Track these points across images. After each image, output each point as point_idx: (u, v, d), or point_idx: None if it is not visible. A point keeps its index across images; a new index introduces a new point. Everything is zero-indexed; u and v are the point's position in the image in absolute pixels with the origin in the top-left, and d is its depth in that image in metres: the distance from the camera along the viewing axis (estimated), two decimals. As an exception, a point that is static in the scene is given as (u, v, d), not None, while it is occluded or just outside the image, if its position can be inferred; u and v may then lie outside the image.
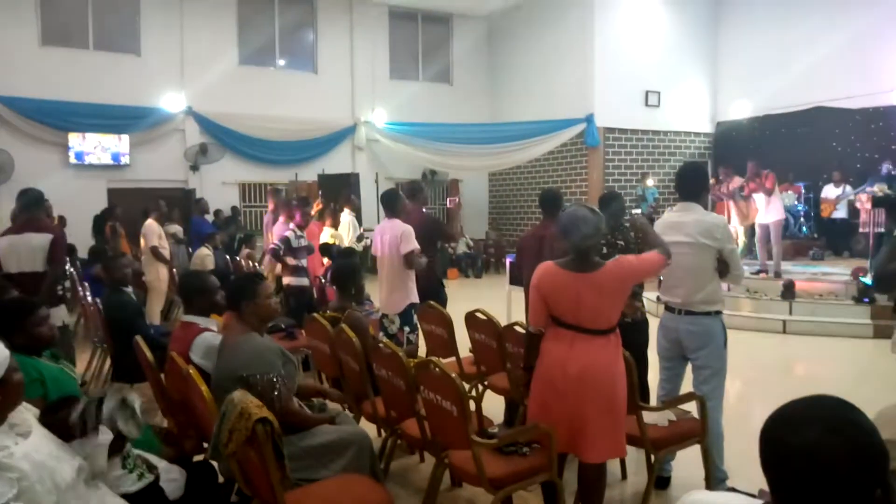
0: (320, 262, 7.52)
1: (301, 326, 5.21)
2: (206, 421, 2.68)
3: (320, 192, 11.55)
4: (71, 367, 3.02)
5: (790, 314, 7.98)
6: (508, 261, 7.76)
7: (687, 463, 3.60)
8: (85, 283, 6.48)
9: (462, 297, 7.81)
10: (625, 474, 3.74)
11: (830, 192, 10.78)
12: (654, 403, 3.67)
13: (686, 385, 3.58)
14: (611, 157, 13.02)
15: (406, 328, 4.87)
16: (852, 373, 6.26)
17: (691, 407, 3.43)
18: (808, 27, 11.62)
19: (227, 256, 8.86)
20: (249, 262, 8.54)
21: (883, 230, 8.22)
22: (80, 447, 2.10)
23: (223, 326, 3.36)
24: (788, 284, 8.19)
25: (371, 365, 3.47)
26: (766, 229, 8.81)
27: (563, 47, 13.22)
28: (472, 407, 2.90)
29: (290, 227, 6.58)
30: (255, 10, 13.35)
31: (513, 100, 14.78)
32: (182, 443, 3.00)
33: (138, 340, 3.50)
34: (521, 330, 3.67)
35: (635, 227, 3.16)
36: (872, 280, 6.27)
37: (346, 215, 9.17)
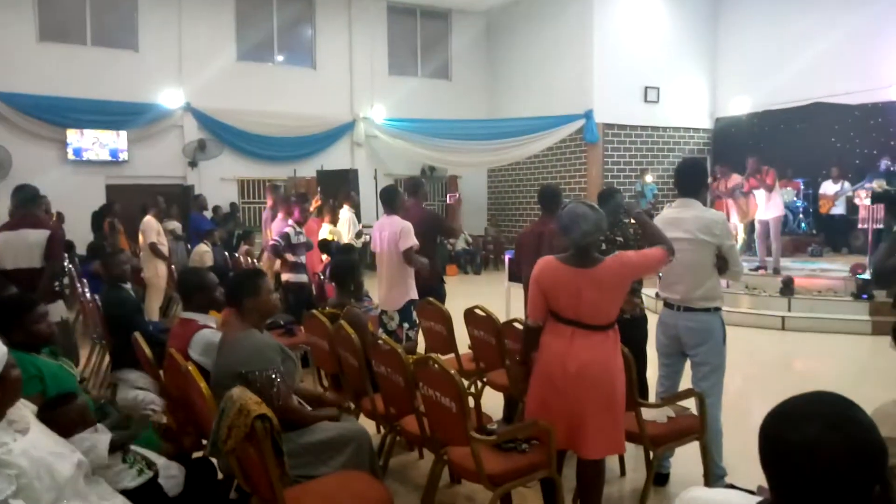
0: (319, 258, 7.50)
1: (300, 323, 5.20)
2: (205, 417, 2.68)
3: (319, 189, 11.50)
4: (70, 364, 3.01)
5: (789, 311, 7.99)
6: (507, 257, 7.76)
7: (686, 459, 3.60)
8: (83, 280, 6.46)
9: (461, 294, 7.80)
10: (623, 471, 3.74)
11: (829, 188, 10.78)
12: (653, 400, 3.67)
13: (685, 382, 3.58)
14: (610, 153, 13.02)
15: (405, 325, 4.86)
16: (851, 369, 6.27)
17: (690, 403, 3.43)
18: (808, 23, 11.61)
19: (226, 253, 8.83)
20: (248, 259, 8.52)
21: (882, 226, 8.23)
22: (80, 442, 2.10)
23: (222, 323, 3.36)
24: (787, 281, 8.19)
25: (370, 361, 3.46)
26: (765, 226, 8.79)
27: (562, 43, 13.20)
28: (471, 403, 2.89)
29: (289, 224, 6.57)
30: (253, 5, 13.31)
31: (512, 96, 14.77)
32: (181, 439, 3.00)
33: (137, 337, 3.49)
34: (520, 326, 3.66)
35: (637, 220, 3.12)
36: (871, 276, 6.27)
37: (345, 212, 9.14)
